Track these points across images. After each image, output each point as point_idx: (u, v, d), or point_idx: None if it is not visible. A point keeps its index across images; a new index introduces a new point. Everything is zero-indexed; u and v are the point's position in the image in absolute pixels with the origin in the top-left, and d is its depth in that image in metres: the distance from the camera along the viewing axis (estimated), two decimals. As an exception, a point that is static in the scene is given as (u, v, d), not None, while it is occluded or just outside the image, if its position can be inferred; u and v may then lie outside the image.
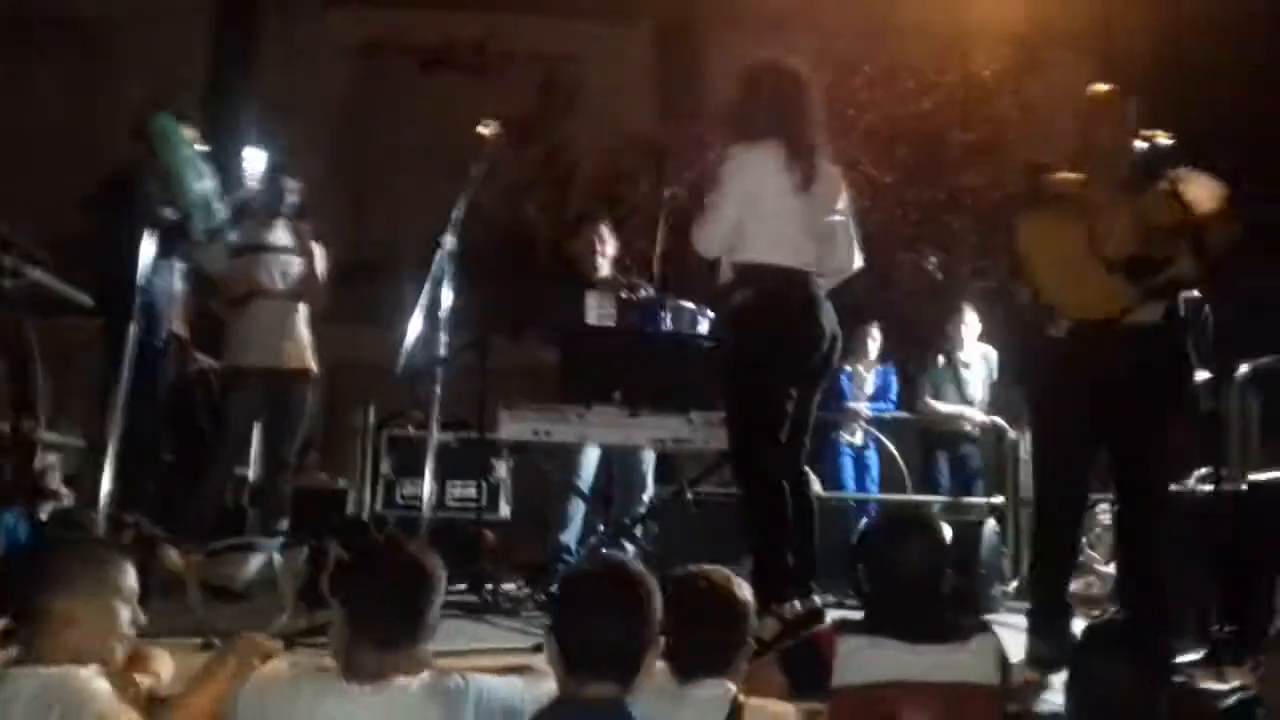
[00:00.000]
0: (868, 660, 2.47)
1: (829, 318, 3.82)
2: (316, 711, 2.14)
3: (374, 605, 2.24)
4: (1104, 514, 5.27)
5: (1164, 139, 3.69)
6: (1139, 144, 3.69)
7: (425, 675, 2.22)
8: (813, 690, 2.51)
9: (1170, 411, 3.67)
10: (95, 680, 2.17)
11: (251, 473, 6.18)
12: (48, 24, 11.86)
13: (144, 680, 2.44)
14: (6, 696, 2.15)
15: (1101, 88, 3.78)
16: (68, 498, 5.56)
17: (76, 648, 2.25)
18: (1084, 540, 4.08)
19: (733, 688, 2.32)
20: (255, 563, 3.78)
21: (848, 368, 7.07)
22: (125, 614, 2.32)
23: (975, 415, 6.74)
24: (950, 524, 5.11)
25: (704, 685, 2.32)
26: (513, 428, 4.71)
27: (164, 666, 2.55)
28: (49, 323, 4.80)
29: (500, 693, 2.25)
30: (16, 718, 2.11)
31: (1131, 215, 3.56)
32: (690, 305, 4.99)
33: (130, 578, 2.35)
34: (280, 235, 5.06)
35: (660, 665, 2.33)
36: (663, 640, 2.14)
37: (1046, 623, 3.65)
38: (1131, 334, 3.54)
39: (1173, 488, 4.35)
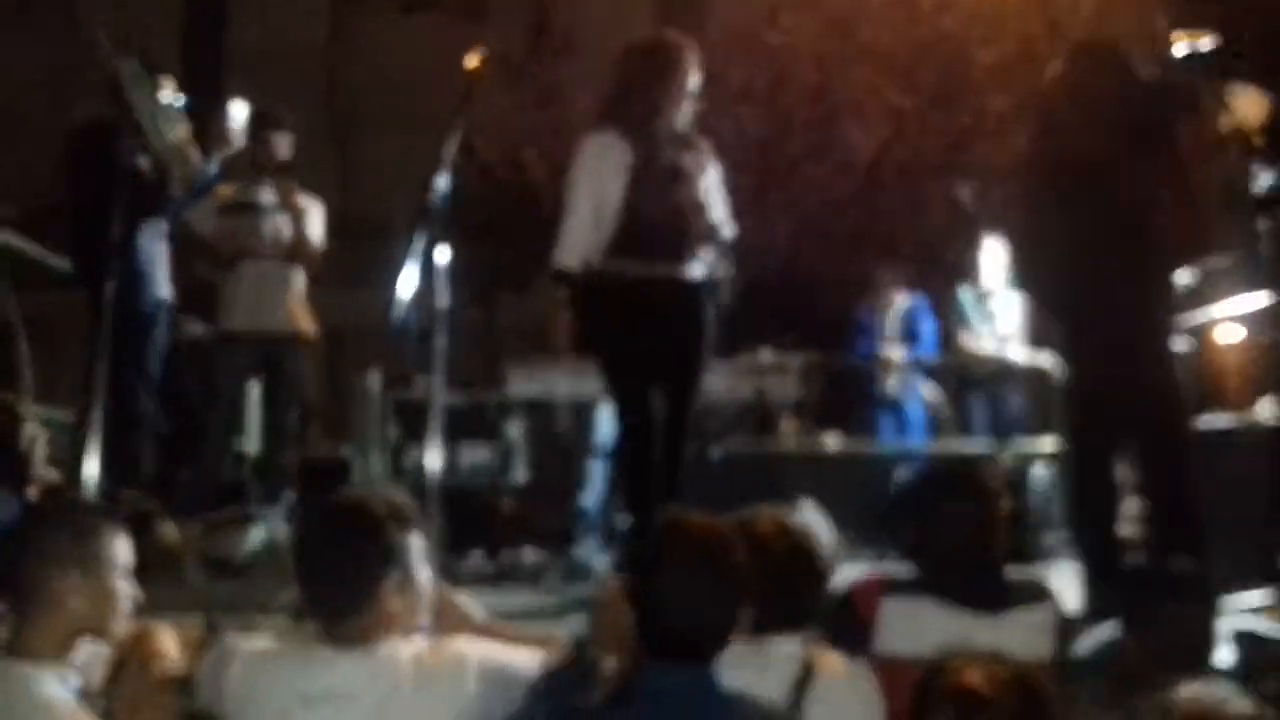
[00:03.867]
0: (915, 629, 2.36)
1: None
2: (306, 681, 2.04)
3: (306, 575, 2.17)
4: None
5: (1206, 41, 3.44)
6: (1178, 47, 3.44)
7: (421, 640, 2.12)
8: (850, 647, 2.36)
9: None
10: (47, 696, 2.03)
11: (251, 446, 6.03)
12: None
13: (156, 661, 2.30)
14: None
15: None
16: (52, 475, 5.42)
17: (70, 628, 2.14)
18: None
19: (803, 641, 2.25)
20: (256, 535, 3.65)
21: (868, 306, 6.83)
22: (122, 587, 2.20)
23: (1018, 357, 6.49)
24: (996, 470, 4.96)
25: (778, 642, 2.24)
26: (524, 385, 4.58)
27: (169, 643, 2.38)
28: (36, 299, 4.67)
29: (507, 663, 2.13)
30: None
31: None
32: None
33: (124, 547, 2.22)
34: (270, 193, 4.90)
35: None
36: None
37: (1100, 569, 3.52)
38: None
39: (1236, 423, 4.23)
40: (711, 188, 3.98)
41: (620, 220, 3.74)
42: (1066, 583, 3.82)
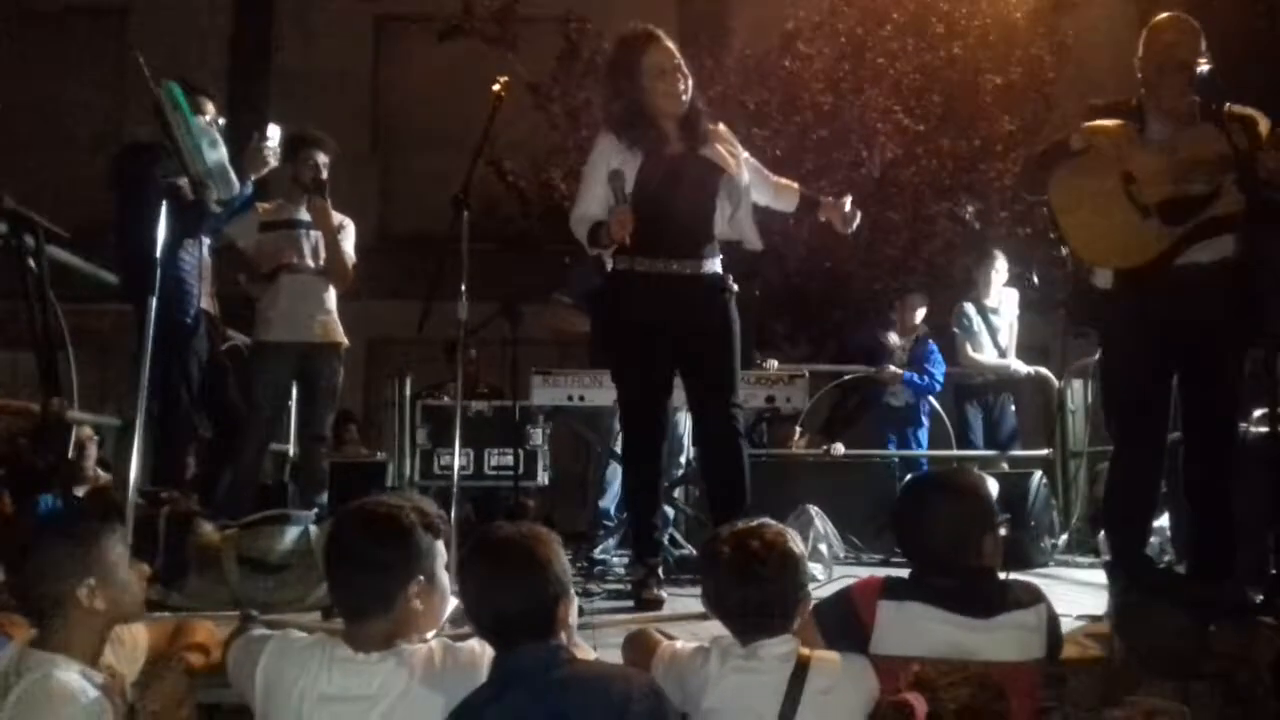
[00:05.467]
0: (910, 632, 2.39)
1: None
2: (325, 680, 2.13)
3: (334, 575, 2.26)
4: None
5: (1203, 65, 3.55)
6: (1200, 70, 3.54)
7: (435, 643, 2.20)
8: (846, 646, 2.42)
9: (1238, 350, 3.52)
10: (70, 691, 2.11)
11: (292, 449, 6.21)
12: (74, 11, 11.99)
13: (191, 655, 2.44)
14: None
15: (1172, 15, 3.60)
16: (104, 478, 5.60)
17: (99, 625, 2.24)
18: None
19: (797, 642, 2.32)
20: (291, 535, 3.73)
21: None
22: (131, 577, 2.29)
23: (1019, 367, 6.59)
24: (996, 478, 5.02)
25: (769, 644, 2.31)
26: (546, 393, 4.70)
27: (208, 638, 2.52)
28: (87, 309, 4.80)
29: None
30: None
31: (1169, 154, 3.42)
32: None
33: (120, 541, 2.31)
34: (307, 211, 4.99)
35: (720, 629, 2.39)
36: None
37: (1126, 574, 3.49)
38: (1186, 274, 3.42)
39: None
40: (740, 180, 3.83)
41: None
42: (1064, 588, 3.95)
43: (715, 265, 3.85)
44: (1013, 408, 6.77)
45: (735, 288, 3.89)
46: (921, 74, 9.11)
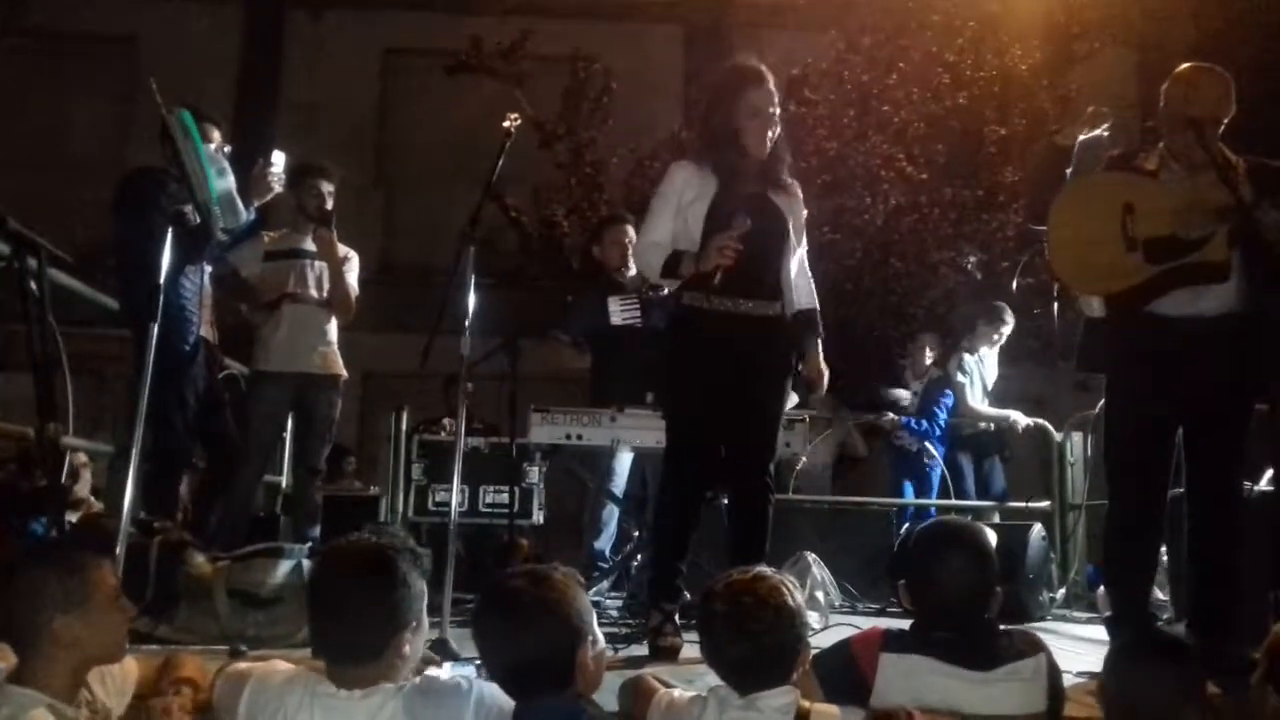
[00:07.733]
0: (911, 685, 2.35)
1: None
2: (305, 717, 2.08)
3: (324, 620, 2.17)
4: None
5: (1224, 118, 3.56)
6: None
7: (418, 679, 2.15)
8: (846, 698, 2.36)
9: (1243, 406, 3.51)
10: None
11: (285, 480, 6.16)
12: (82, 37, 12.05)
13: (183, 689, 2.36)
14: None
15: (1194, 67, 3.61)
16: (96, 506, 5.53)
17: (77, 662, 2.17)
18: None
19: (797, 693, 2.26)
20: (283, 569, 3.69)
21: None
22: (117, 617, 2.22)
23: (1020, 418, 6.57)
24: (995, 529, 4.99)
25: (768, 695, 2.25)
26: (544, 431, 4.66)
27: (197, 672, 2.45)
28: (86, 334, 4.77)
29: (503, 698, 2.15)
30: None
31: (1176, 195, 3.42)
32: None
33: (111, 576, 2.24)
34: (312, 241, 4.97)
35: (718, 681, 2.33)
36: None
37: (1126, 631, 3.42)
38: (1190, 326, 3.42)
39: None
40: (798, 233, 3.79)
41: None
42: (1063, 643, 3.88)
43: (784, 309, 3.79)
44: (1000, 467, 6.76)
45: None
46: (926, 123, 9.19)
